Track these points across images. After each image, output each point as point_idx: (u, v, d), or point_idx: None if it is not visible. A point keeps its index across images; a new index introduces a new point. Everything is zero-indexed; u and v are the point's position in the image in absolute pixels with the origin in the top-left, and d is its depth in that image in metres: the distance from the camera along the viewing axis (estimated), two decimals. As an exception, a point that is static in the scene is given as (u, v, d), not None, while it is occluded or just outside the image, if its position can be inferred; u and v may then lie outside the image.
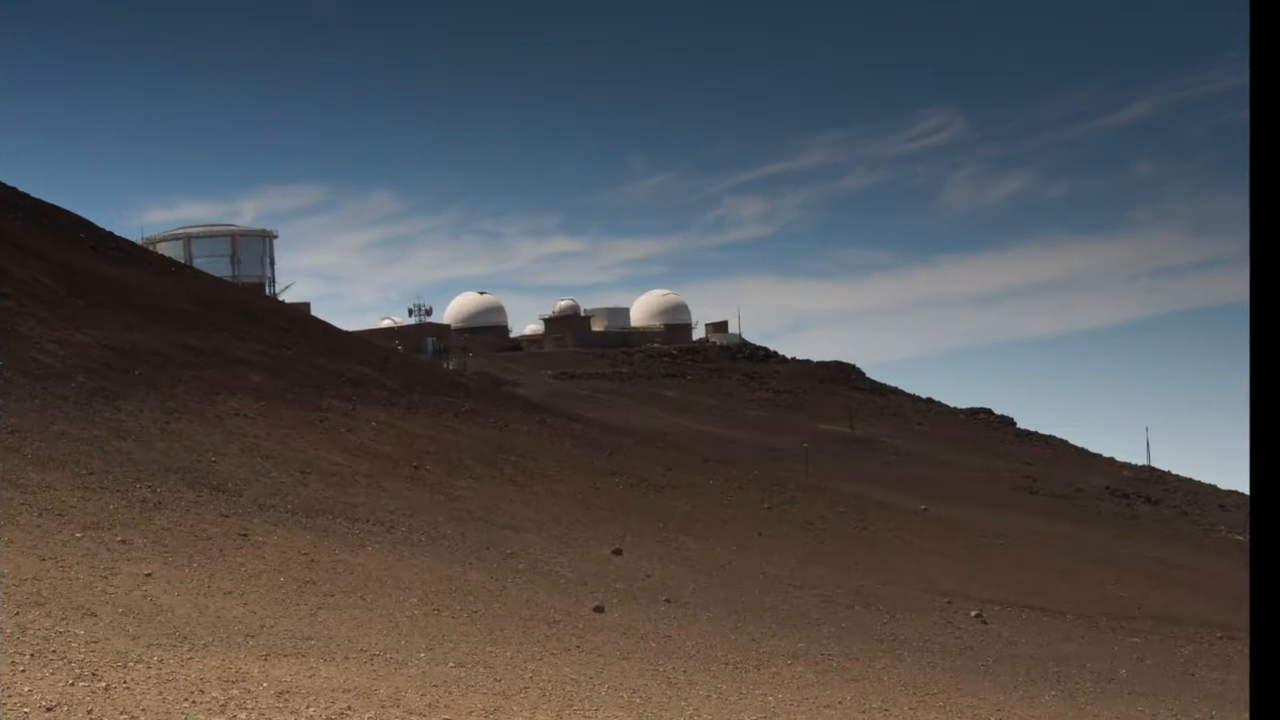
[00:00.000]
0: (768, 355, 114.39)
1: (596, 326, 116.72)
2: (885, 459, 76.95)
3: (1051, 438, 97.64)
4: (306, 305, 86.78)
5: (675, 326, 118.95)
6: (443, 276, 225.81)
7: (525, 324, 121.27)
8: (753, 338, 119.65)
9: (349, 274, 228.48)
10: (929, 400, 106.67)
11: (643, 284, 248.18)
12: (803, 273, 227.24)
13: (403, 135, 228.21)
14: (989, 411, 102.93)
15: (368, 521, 22.61)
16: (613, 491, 31.72)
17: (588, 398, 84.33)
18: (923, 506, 45.32)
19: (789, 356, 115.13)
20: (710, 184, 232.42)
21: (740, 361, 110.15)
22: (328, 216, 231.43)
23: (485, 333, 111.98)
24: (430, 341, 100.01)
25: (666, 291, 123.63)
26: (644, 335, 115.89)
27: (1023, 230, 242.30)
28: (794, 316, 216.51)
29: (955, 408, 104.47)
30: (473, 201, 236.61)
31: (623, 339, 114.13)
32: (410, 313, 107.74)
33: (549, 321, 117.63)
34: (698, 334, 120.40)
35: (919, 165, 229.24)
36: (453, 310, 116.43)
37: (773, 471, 46.00)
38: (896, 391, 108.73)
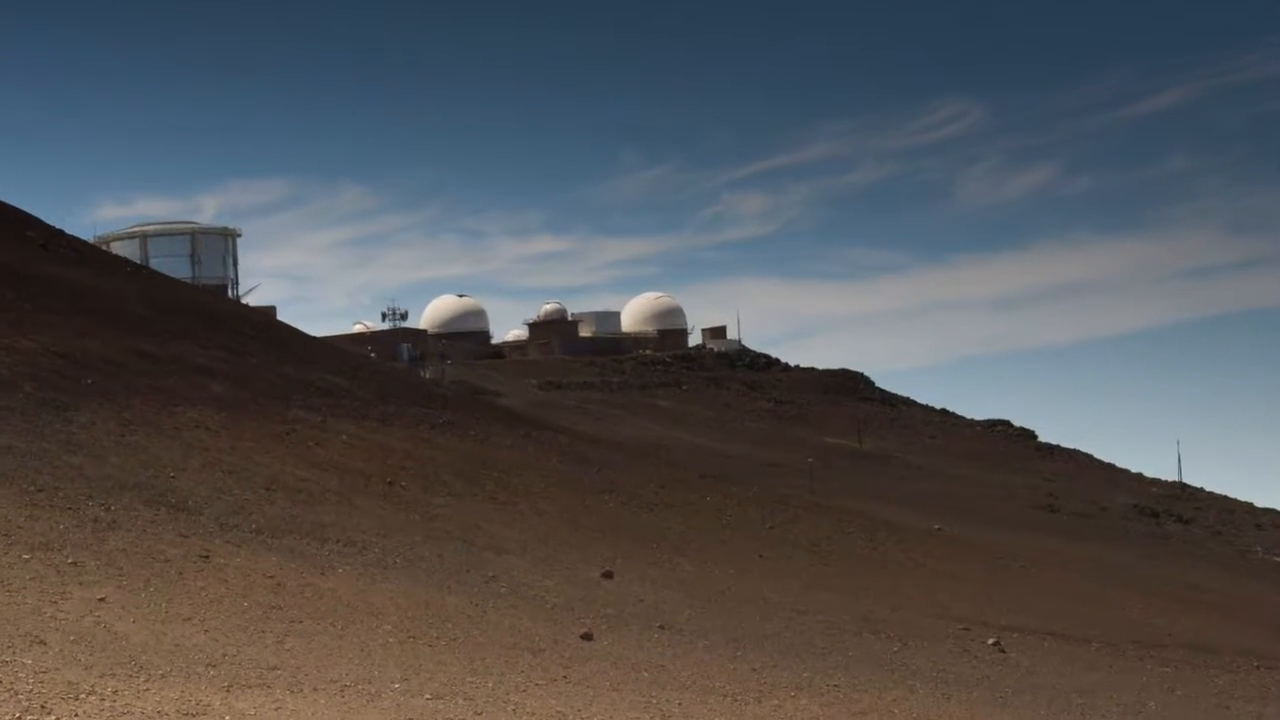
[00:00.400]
0: (769, 363, 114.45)
1: (585, 332, 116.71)
2: (896, 475, 76.96)
3: (1075, 452, 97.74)
4: (272, 309, 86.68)
5: (669, 332, 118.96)
6: (418, 278, 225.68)
7: (508, 329, 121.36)
8: (753, 344, 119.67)
9: (317, 275, 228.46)
10: (943, 411, 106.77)
11: (634, 286, 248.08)
12: (806, 274, 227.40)
13: (374, 126, 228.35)
14: (1007, 424, 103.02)
15: (338, 542, 22.60)
16: (602, 510, 31.73)
17: (575, 409, 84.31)
18: (936, 526, 45.37)
19: (792, 364, 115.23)
20: (706, 178, 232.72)
21: (739, 370, 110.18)
22: (294, 213, 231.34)
23: (464, 339, 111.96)
24: (405, 348, 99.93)
25: (660, 294, 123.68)
26: (636, 341, 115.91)
27: (1044, 228, 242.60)
28: (797, 321, 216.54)
29: (971, 419, 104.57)
30: (450, 197, 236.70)
31: (613, 345, 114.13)
32: (384, 317, 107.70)
33: (533, 326, 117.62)
34: (694, 340, 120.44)
35: (932, 158, 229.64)
36: (429, 314, 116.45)
37: (774, 488, 46.03)
38: (908, 402, 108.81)
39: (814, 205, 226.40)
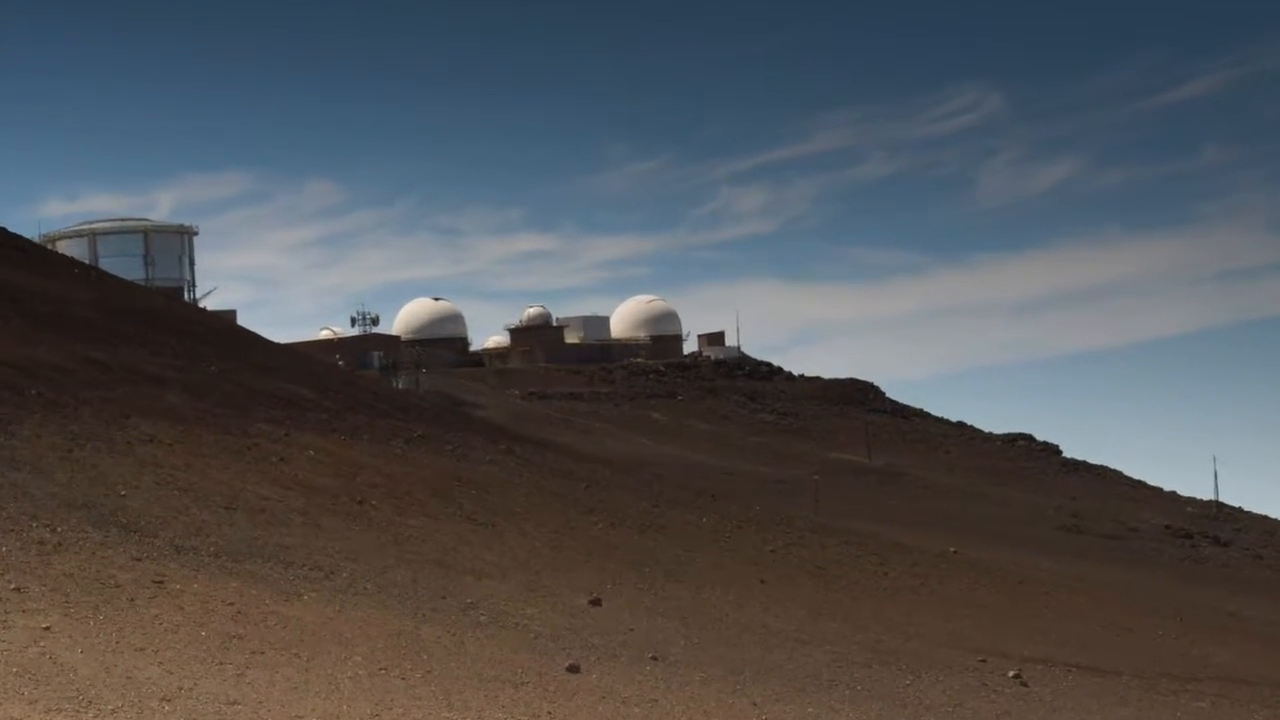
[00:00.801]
0: (771, 372, 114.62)
1: (571, 338, 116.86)
2: (908, 493, 77.07)
3: (1103, 469, 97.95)
4: (232, 313, 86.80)
5: (663, 338, 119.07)
6: (391, 280, 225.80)
7: (487, 335, 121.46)
8: (754, 351, 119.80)
9: (281, 277, 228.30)
10: (960, 424, 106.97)
11: (625, 288, 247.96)
12: (811, 275, 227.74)
13: (343, 115, 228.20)
14: (1030, 438, 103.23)
15: (303, 566, 22.61)
16: (590, 531, 31.76)
17: (561, 421, 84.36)
18: (952, 549, 45.43)
19: (795, 373, 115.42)
20: (703, 172, 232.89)
21: (739, 379, 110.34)
22: (256, 210, 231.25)
23: (441, 345, 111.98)
24: (376, 356, 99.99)
25: (653, 298, 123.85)
26: (626, 348, 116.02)
27: (1069, 226, 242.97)
28: (801, 326, 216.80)
29: (990, 433, 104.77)
30: (425, 193, 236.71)
31: (602, 353, 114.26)
32: (353, 322, 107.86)
33: (515, 332, 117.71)
34: (689, 347, 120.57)
35: (948, 150, 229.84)
36: (403, 319, 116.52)
37: (777, 508, 46.06)
38: (921, 414, 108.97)
39: (820, 201, 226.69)
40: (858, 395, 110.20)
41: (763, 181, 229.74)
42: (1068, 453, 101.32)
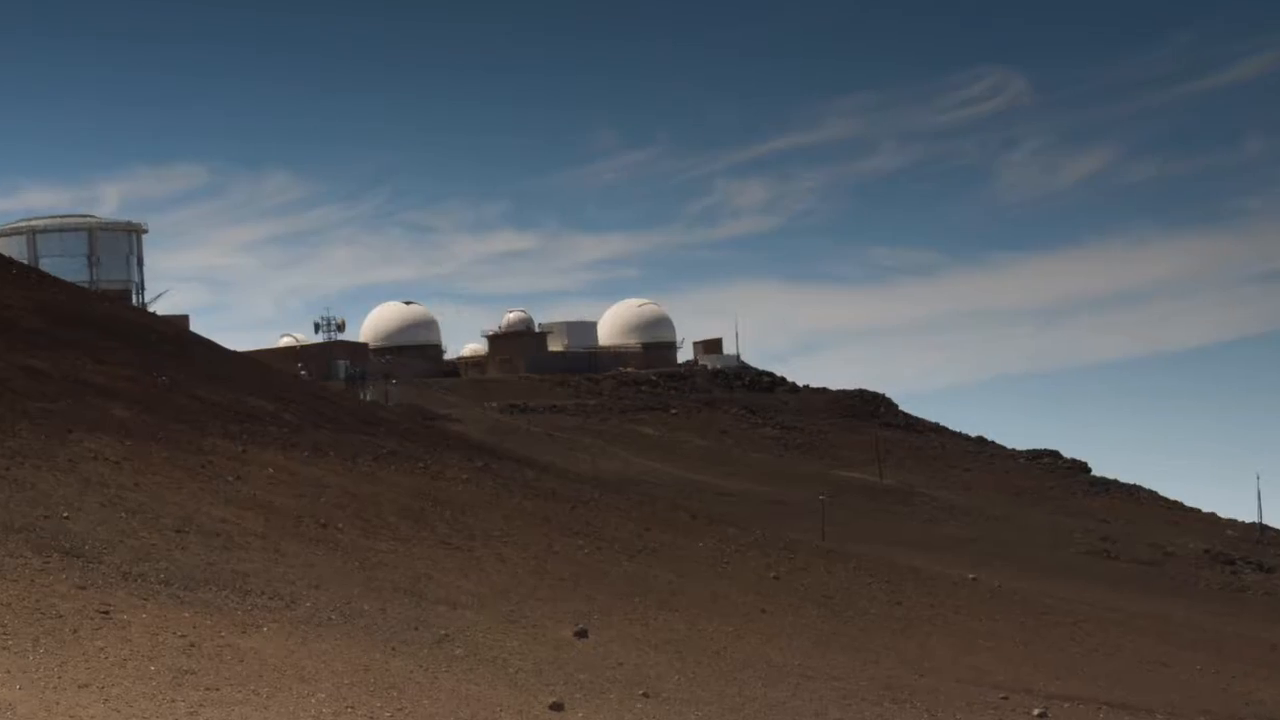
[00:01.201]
0: (773, 383, 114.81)
1: (554, 346, 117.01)
2: (923, 515, 77.19)
3: (1135, 488, 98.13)
4: (185, 319, 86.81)
5: (655, 346, 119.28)
6: (358, 282, 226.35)
7: (464, 343, 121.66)
8: (754, 360, 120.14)
9: (238, 278, 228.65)
10: (979, 440, 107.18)
11: (613, 291, 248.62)
12: (817, 277, 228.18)
13: (306, 102, 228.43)
14: (1055, 454, 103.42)
15: (262, 594, 22.59)
16: (575, 556, 31.76)
17: (543, 436, 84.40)
18: (971, 575, 45.49)
19: (800, 384, 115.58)
20: (700, 164, 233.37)
21: (738, 391, 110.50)
22: (211, 205, 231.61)
23: (413, 353, 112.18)
24: (343, 365, 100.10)
25: (644, 301, 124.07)
26: (615, 357, 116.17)
27: (1099, 223, 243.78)
28: (806, 333, 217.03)
29: (1012, 450, 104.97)
30: (396, 186, 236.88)
31: (588, 362, 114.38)
32: (317, 328, 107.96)
33: (494, 340, 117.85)
34: (684, 356, 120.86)
35: (967, 140, 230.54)
36: (371, 325, 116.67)
37: (780, 531, 46.09)
38: (937, 429, 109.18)
39: (826, 195, 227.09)
40: (867, 408, 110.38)
41: (764, 174, 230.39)
42: (1097, 470, 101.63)
